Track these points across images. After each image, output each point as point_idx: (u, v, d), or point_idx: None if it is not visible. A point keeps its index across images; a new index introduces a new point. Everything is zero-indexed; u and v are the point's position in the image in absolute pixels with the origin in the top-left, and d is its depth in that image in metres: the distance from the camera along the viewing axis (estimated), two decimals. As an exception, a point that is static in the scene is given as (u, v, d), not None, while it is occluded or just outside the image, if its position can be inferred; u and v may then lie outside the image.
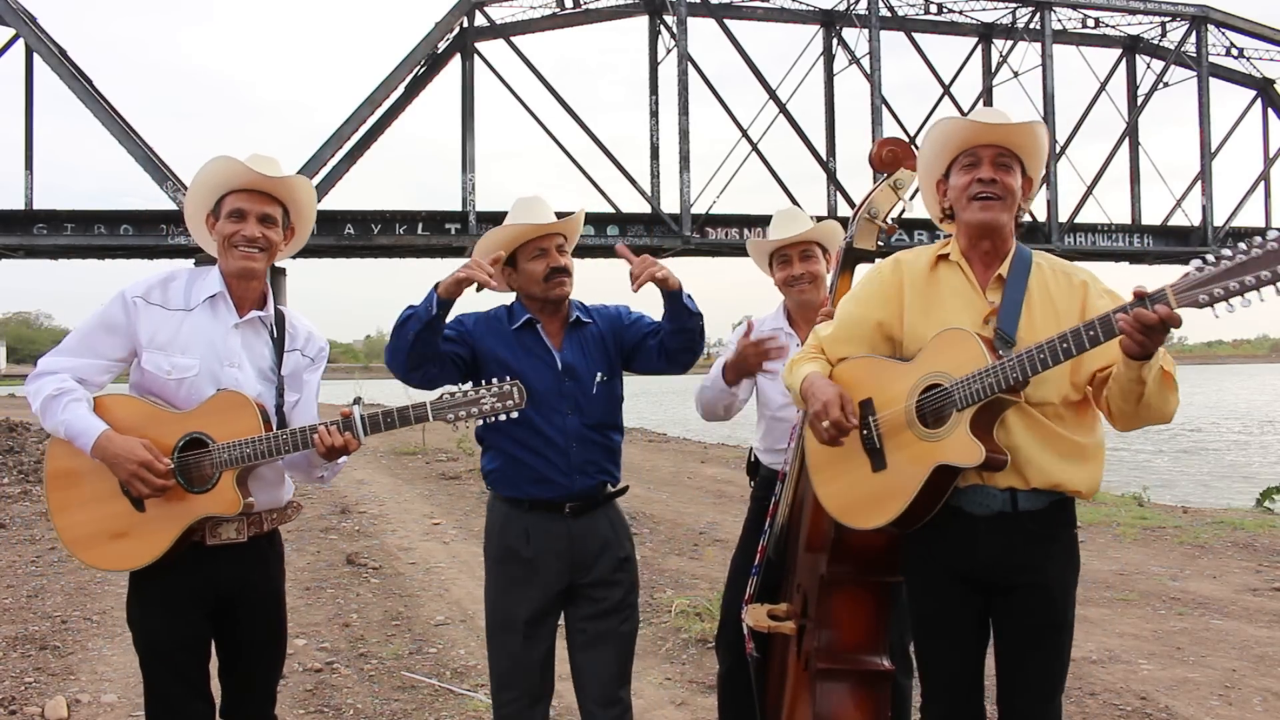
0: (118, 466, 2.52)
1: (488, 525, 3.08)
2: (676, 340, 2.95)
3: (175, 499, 2.55)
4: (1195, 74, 32.65)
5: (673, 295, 2.89)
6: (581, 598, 2.97)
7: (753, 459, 3.68)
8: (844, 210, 28.82)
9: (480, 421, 2.61)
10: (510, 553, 2.95)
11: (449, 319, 2.88)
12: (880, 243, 3.03)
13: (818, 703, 2.67)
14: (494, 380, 2.59)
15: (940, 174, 2.56)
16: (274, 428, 2.61)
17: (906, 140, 2.94)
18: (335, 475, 2.86)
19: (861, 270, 3.13)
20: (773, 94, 29.82)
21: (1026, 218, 2.57)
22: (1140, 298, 2.12)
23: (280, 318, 2.77)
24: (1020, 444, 2.38)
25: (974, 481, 2.40)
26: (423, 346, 2.80)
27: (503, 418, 2.59)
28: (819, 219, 3.49)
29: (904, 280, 2.57)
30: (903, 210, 3.04)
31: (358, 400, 2.66)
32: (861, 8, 30.08)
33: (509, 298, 3.10)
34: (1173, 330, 2.33)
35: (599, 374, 3.00)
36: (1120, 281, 2.61)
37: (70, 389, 2.57)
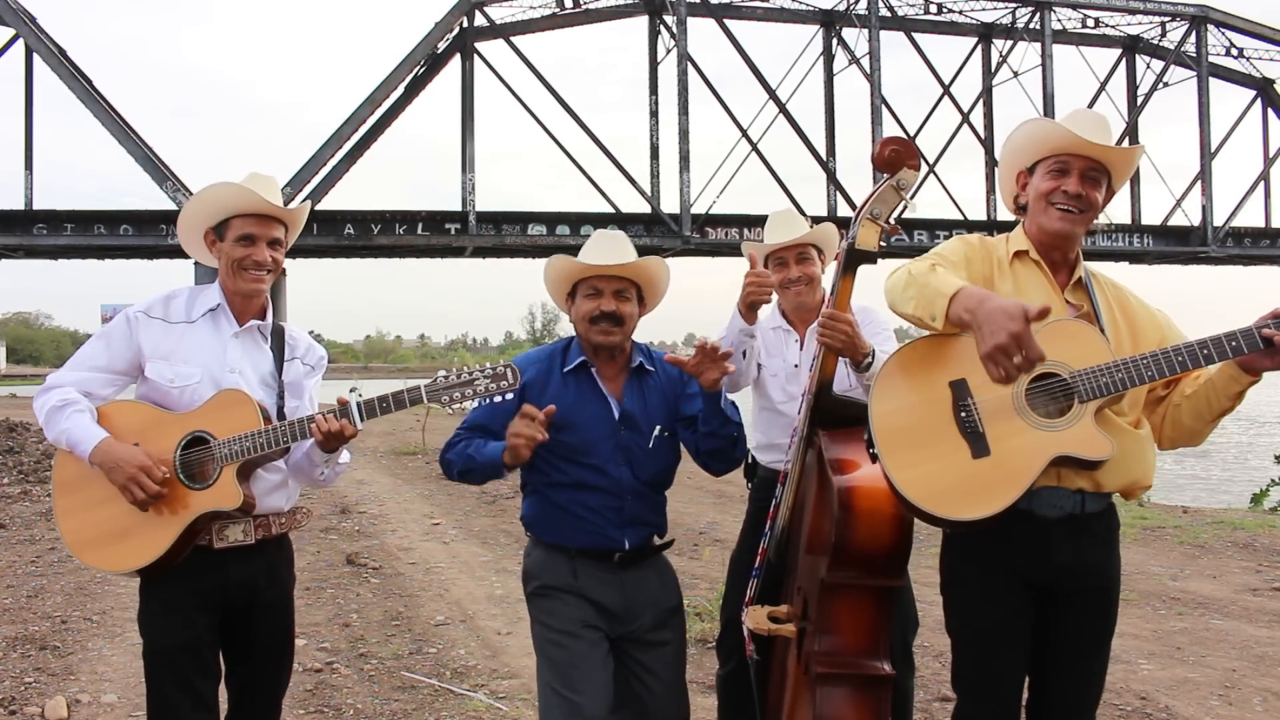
0: (115, 472, 2.56)
1: (526, 568, 2.96)
2: (708, 443, 2.84)
3: (177, 496, 2.59)
4: (1195, 74, 32.61)
5: (710, 396, 2.77)
6: (631, 643, 2.87)
7: (750, 460, 3.68)
8: (844, 210, 28.79)
9: (475, 402, 2.61)
10: (554, 586, 2.82)
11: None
12: (883, 243, 3.02)
13: (818, 707, 2.63)
14: (488, 363, 2.62)
15: (1024, 167, 2.52)
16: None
17: (909, 140, 2.92)
18: (337, 475, 2.87)
19: (864, 271, 3.13)
20: (773, 94, 29.80)
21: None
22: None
23: (279, 330, 2.84)
24: None
25: (1048, 483, 2.36)
26: (489, 480, 2.87)
27: (497, 399, 2.61)
28: (815, 220, 3.49)
29: (991, 265, 2.51)
30: (904, 209, 3.03)
31: (354, 390, 2.67)
32: (861, 8, 30.05)
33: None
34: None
35: (659, 427, 2.89)
36: (1121, 281, 2.61)
37: (73, 400, 2.63)
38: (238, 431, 2.58)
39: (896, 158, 2.86)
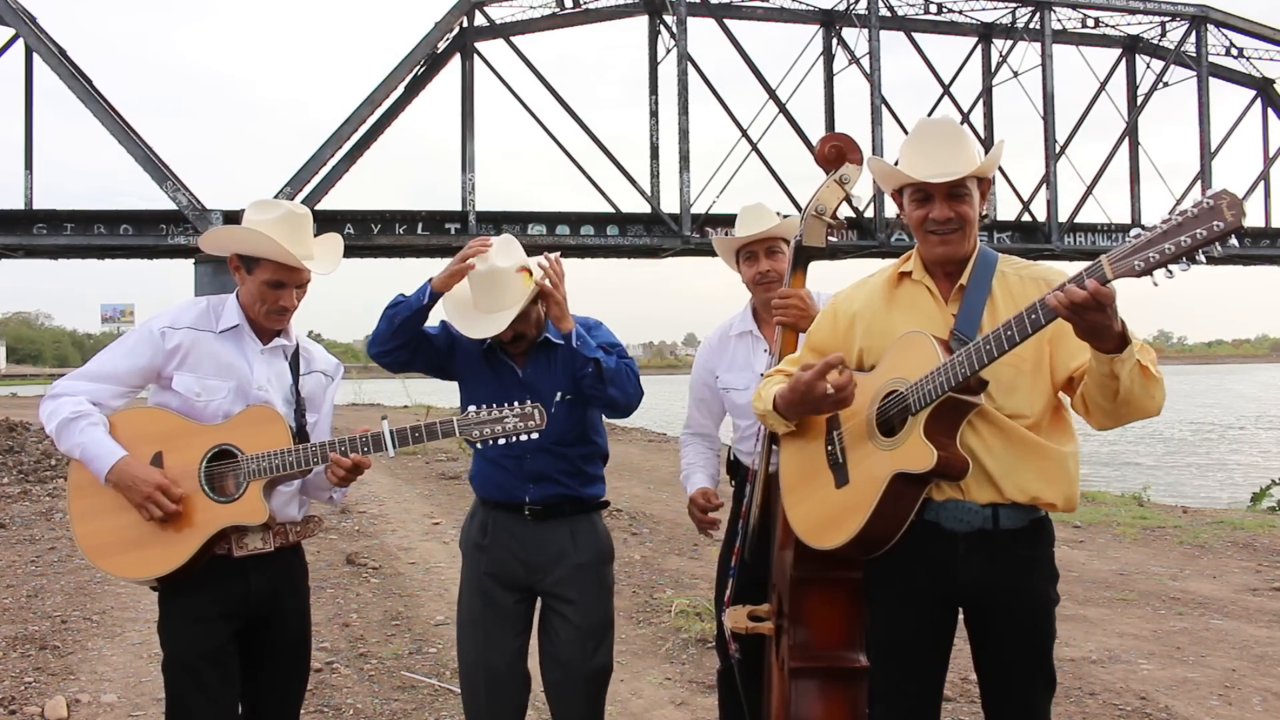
0: (132, 490, 2.53)
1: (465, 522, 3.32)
2: (584, 384, 3.01)
3: (201, 508, 2.57)
4: (1195, 74, 32.61)
5: (563, 336, 2.99)
6: (544, 594, 3.11)
7: (732, 458, 3.68)
8: (843, 210, 28.68)
9: (504, 440, 2.65)
10: (471, 542, 3.19)
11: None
12: (831, 238, 3.05)
13: (793, 702, 2.67)
14: (516, 402, 2.66)
15: (892, 192, 2.51)
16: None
17: (849, 136, 2.94)
18: (344, 496, 2.92)
19: (814, 269, 3.15)
20: (773, 94, 29.79)
21: (1026, 217, 2.56)
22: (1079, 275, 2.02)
23: (295, 345, 2.84)
24: (996, 455, 2.27)
25: (951, 495, 2.29)
26: (405, 333, 2.98)
27: (524, 438, 2.64)
28: (786, 216, 3.48)
29: (855, 314, 2.51)
30: (844, 202, 3.06)
31: (384, 418, 2.70)
32: (861, 8, 30.04)
33: None
34: (1134, 336, 2.09)
35: (560, 392, 3.06)
36: (1120, 282, 2.58)
37: (88, 412, 2.60)
38: (267, 448, 2.57)
39: (837, 154, 2.91)
